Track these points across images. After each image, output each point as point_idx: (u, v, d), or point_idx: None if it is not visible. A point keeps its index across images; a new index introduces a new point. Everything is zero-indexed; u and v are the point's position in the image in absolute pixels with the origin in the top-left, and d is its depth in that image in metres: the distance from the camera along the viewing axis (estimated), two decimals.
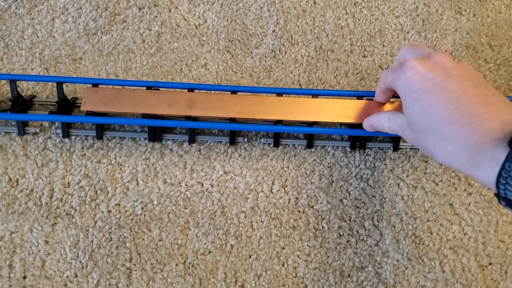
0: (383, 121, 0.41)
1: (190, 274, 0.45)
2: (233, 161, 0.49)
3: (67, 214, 0.47)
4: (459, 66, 0.34)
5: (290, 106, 0.46)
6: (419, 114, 0.34)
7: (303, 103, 0.47)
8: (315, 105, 0.46)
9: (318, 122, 0.47)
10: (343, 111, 0.46)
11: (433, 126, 0.33)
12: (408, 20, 0.57)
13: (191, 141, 0.49)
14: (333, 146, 0.50)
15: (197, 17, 0.56)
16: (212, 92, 0.50)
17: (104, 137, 0.49)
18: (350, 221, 0.48)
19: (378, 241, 0.47)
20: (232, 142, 0.49)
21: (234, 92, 0.48)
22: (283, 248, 0.47)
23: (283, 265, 0.46)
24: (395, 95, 0.45)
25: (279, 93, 0.48)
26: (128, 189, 0.48)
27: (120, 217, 0.47)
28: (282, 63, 0.54)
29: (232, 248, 0.46)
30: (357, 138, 0.48)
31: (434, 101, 0.33)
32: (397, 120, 0.39)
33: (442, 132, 0.32)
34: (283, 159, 0.49)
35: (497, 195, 0.30)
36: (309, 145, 0.49)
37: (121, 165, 0.49)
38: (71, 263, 0.45)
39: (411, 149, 0.50)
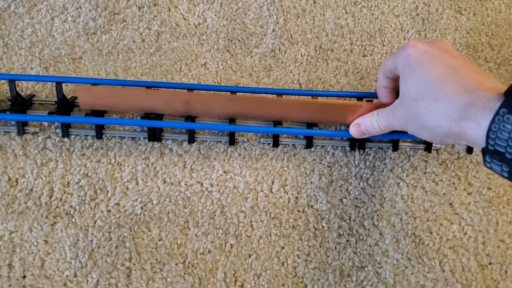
0: (370, 118, 0.41)
1: (190, 273, 0.45)
2: (233, 160, 0.49)
3: (67, 213, 0.47)
4: (457, 52, 0.36)
5: (290, 107, 0.46)
6: (415, 82, 0.35)
7: (303, 104, 0.46)
8: (315, 106, 0.46)
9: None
10: (342, 112, 0.46)
11: (427, 88, 0.34)
12: (408, 19, 0.57)
13: (191, 140, 0.49)
14: (333, 145, 0.50)
15: (197, 16, 0.56)
16: (212, 92, 0.50)
17: (103, 136, 0.49)
18: (349, 220, 0.48)
19: (378, 241, 0.47)
20: (232, 142, 0.49)
21: (233, 92, 0.48)
22: (282, 247, 0.47)
23: (282, 264, 0.46)
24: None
25: (279, 93, 0.48)
26: (127, 188, 0.48)
27: (119, 216, 0.47)
28: (282, 62, 0.54)
29: (231, 247, 0.46)
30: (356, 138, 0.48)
31: (430, 68, 0.34)
32: (385, 110, 0.39)
33: (435, 92, 0.33)
34: (283, 159, 0.49)
35: (484, 150, 0.30)
36: (309, 145, 0.49)
37: (120, 164, 0.48)
38: (71, 263, 0.45)
39: (411, 148, 0.50)
